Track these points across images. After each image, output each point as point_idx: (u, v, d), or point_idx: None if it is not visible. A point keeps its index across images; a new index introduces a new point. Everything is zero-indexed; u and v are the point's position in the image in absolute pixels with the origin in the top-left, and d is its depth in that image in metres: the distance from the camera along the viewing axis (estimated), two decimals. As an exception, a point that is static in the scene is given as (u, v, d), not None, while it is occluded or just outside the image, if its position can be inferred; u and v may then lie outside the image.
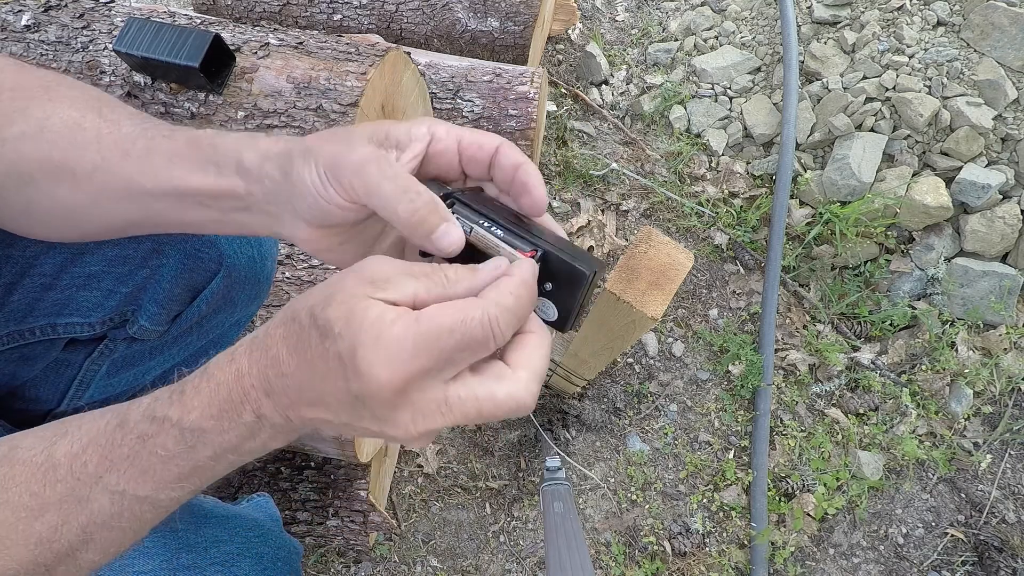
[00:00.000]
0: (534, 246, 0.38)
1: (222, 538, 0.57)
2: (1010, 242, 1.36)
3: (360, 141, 0.37)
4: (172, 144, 0.41)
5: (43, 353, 0.58)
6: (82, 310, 0.57)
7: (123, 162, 0.41)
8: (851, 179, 1.38)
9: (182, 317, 0.62)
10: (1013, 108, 1.35)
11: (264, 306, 0.84)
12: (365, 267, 0.34)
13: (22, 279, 0.53)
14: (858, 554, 1.26)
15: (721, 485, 1.30)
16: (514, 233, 0.38)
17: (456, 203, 0.39)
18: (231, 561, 0.56)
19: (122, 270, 0.57)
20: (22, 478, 0.34)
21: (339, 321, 0.31)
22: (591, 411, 1.33)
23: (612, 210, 1.54)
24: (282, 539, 0.63)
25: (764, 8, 1.65)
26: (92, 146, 0.41)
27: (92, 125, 0.41)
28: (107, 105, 0.43)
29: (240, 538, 0.59)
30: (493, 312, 0.32)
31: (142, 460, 0.34)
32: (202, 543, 0.56)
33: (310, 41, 0.94)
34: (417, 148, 0.39)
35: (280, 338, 0.33)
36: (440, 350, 0.31)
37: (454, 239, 0.36)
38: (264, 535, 0.61)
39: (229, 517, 0.60)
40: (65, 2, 0.93)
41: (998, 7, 1.35)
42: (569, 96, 1.67)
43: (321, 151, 0.37)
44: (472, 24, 1.34)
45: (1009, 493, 1.31)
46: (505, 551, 1.23)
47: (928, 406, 1.35)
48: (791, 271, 1.46)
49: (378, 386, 0.31)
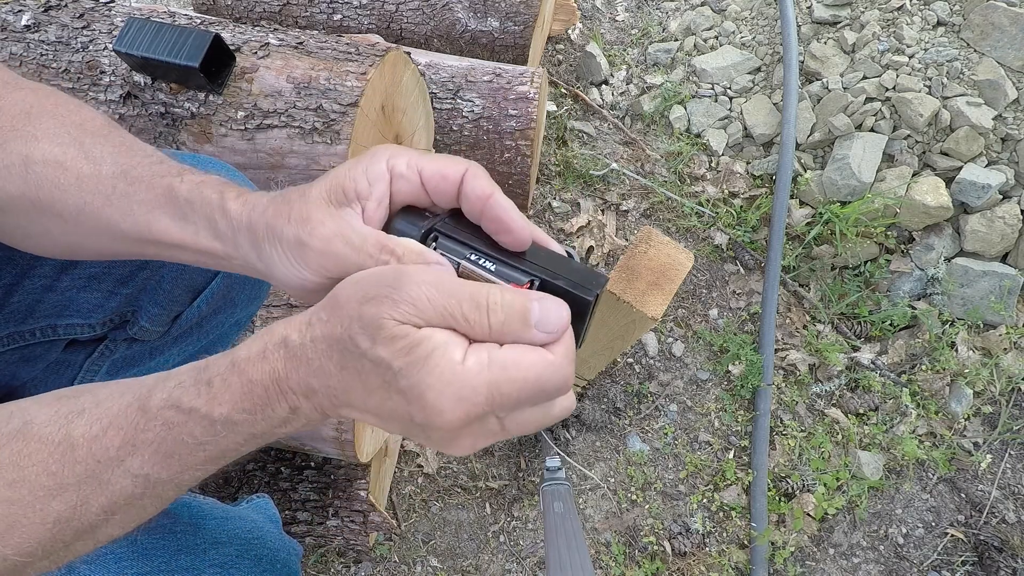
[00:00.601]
0: (529, 275, 0.36)
1: (221, 540, 0.57)
2: (1010, 242, 1.36)
3: (318, 211, 0.36)
4: (151, 195, 0.39)
5: (43, 354, 0.58)
6: (82, 311, 0.57)
7: (105, 207, 0.40)
8: (851, 179, 1.38)
9: (182, 317, 0.62)
10: (1013, 108, 1.35)
11: (265, 305, 0.84)
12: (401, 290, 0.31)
13: (23, 280, 0.54)
14: (858, 554, 1.26)
15: (721, 485, 1.30)
16: (505, 263, 0.37)
17: (439, 237, 0.37)
18: (230, 563, 0.56)
19: (122, 271, 0.57)
20: (39, 456, 0.34)
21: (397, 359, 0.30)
22: (591, 411, 1.33)
23: (612, 210, 1.54)
24: (281, 541, 0.63)
25: (764, 8, 1.65)
26: (73, 189, 0.40)
27: (73, 165, 0.40)
28: (89, 136, 0.41)
29: (239, 540, 0.59)
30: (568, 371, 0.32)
31: (167, 446, 0.34)
32: (200, 545, 0.56)
33: (310, 41, 0.94)
34: (379, 192, 0.37)
35: (323, 355, 0.32)
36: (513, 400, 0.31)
37: None
38: (263, 537, 0.61)
39: (228, 519, 0.60)
40: (65, 2, 0.93)
41: (998, 7, 1.35)
42: (569, 96, 1.67)
43: (283, 235, 0.36)
44: (472, 24, 1.34)
45: (1009, 493, 1.31)
46: (505, 551, 1.23)
47: (928, 406, 1.35)
48: (791, 271, 1.46)
49: (445, 421, 0.30)
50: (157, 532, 0.55)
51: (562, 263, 0.38)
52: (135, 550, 0.53)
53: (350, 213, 0.36)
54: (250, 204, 0.38)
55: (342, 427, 0.84)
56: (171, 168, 0.41)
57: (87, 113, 0.43)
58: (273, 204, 0.37)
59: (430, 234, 0.38)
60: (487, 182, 0.38)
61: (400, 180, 0.38)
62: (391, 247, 0.35)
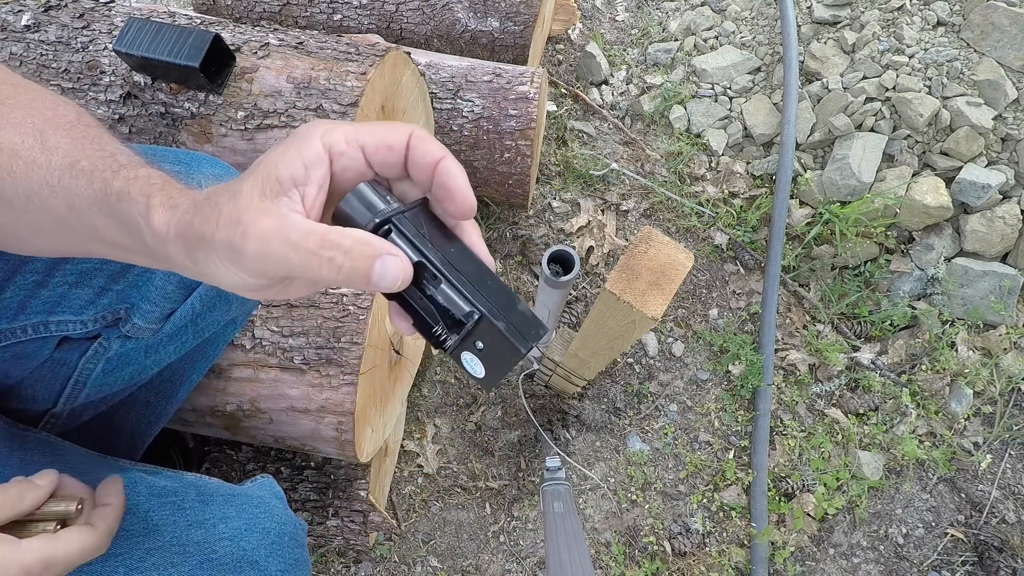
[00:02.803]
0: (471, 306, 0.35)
1: (229, 515, 0.59)
2: (1010, 242, 1.36)
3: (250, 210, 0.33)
4: (90, 190, 0.37)
5: (35, 351, 0.57)
6: (74, 307, 0.56)
7: (51, 199, 0.38)
8: (851, 179, 1.38)
9: (176, 315, 0.62)
10: (1013, 108, 1.35)
11: (265, 306, 0.84)
12: None
13: (14, 276, 0.53)
14: (858, 554, 1.26)
15: (721, 485, 1.30)
16: (453, 285, 0.35)
17: (392, 231, 0.35)
18: (239, 536, 0.58)
19: (114, 267, 0.56)
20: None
21: None
22: (591, 411, 1.33)
23: (612, 210, 1.54)
24: (287, 515, 0.65)
25: (764, 8, 1.65)
26: (23, 177, 0.38)
27: (27, 154, 0.38)
28: (52, 128, 0.39)
29: (246, 514, 0.60)
30: None
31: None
32: (210, 520, 0.58)
33: (310, 41, 0.94)
34: (318, 176, 0.34)
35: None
36: None
37: (393, 273, 0.33)
38: (269, 511, 0.62)
39: (235, 495, 0.62)
40: (65, 2, 0.93)
41: (998, 7, 1.35)
42: (569, 96, 1.67)
43: (214, 242, 0.33)
44: (472, 24, 1.34)
45: (1009, 493, 1.31)
46: (505, 551, 1.23)
47: (928, 406, 1.35)
48: (791, 271, 1.46)
49: None
50: (167, 508, 0.57)
51: (512, 303, 0.37)
52: (145, 526, 0.54)
53: (287, 204, 0.33)
54: (179, 211, 0.35)
55: (342, 427, 0.84)
56: (112, 163, 0.38)
57: (63, 110, 0.41)
58: (199, 211, 0.34)
59: (383, 226, 0.35)
60: (435, 145, 0.36)
61: (341, 158, 0.35)
62: (334, 241, 0.32)
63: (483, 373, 0.37)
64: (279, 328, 0.83)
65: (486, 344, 0.36)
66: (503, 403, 1.35)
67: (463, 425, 1.32)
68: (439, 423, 1.32)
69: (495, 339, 0.35)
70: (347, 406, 0.82)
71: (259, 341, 0.82)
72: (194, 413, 0.87)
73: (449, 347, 0.37)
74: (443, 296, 0.35)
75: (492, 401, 1.35)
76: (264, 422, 0.86)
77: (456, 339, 0.36)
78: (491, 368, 0.37)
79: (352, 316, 0.83)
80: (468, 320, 0.35)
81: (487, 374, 0.37)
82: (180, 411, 0.86)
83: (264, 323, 0.83)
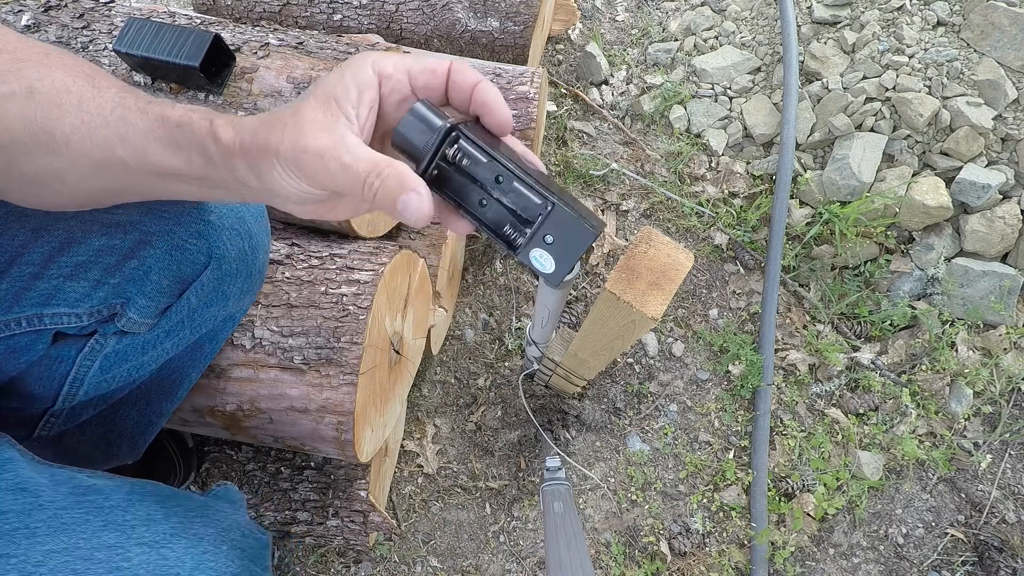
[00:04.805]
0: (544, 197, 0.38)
1: (155, 517, 0.52)
2: (1010, 242, 1.36)
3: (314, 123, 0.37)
4: (145, 121, 0.41)
5: (30, 345, 0.57)
6: (69, 300, 0.56)
7: (102, 129, 0.41)
8: (851, 179, 1.38)
9: (172, 310, 0.61)
10: (1013, 108, 1.35)
11: (265, 305, 0.84)
12: None
13: (10, 268, 0.53)
14: (858, 554, 1.26)
15: (721, 485, 1.30)
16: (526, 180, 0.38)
17: (460, 138, 0.38)
18: (161, 542, 0.51)
19: (109, 260, 0.56)
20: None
21: None
22: (591, 411, 1.33)
23: (612, 210, 1.54)
24: (233, 519, 0.58)
25: (764, 8, 1.65)
26: (73, 109, 0.41)
27: (78, 89, 0.41)
28: (100, 75, 0.43)
29: (176, 518, 0.53)
30: None
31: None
32: (130, 522, 0.51)
33: (310, 41, 0.94)
34: (369, 97, 0.39)
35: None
36: None
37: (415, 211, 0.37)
38: (208, 515, 0.56)
39: (169, 497, 0.55)
40: (65, 2, 0.93)
41: (998, 7, 1.35)
42: (569, 96, 1.67)
43: (279, 153, 0.37)
44: (472, 24, 1.34)
45: (1009, 493, 1.31)
46: (505, 551, 1.23)
47: (928, 406, 1.35)
48: (791, 271, 1.46)
49: None
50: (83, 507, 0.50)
51: (573, 198, 0.40)
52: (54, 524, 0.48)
53: (344, 124, 0.38)
54: (241, 128, 0.39)
55: (342, 427, 0.84)
56: (165, 101, 0.42)
57: (103, 68, 0.46)
58: (264, 125, 0.38)
59: (452, 132, 0.38)
60: (473, 72, 0.40)
61: (389, 81, 0.39)
62: (379, 170, 0.37)
63: (552, 267, 0.39)
64: (279, 328, 0.83)
65: (556, 236, 0.38)
66: (503, 403, 1.35)
67: (463, 425, 1.33)
68: (439, 423, 1.32)
69: (567, 228, 0.38)
70: (347, 406, 0.82)
71: (259, 341, 0.82)
72: (194, 413, 0.86)
73: (520, 245, 0.39)
74: (514, 193, 0.38)
75: (492, 401, 1.35)
76: (264, 422, 0.86)
77: (529, 233, 0.39)
78: (560, 260, 0.39)
79: (352, 316, 0.83)
80: (542, 212, 0.38)
81: (556, 267, 0.39)
82: (179, 411, 0.86)
83: (264, 323, 0.83)
